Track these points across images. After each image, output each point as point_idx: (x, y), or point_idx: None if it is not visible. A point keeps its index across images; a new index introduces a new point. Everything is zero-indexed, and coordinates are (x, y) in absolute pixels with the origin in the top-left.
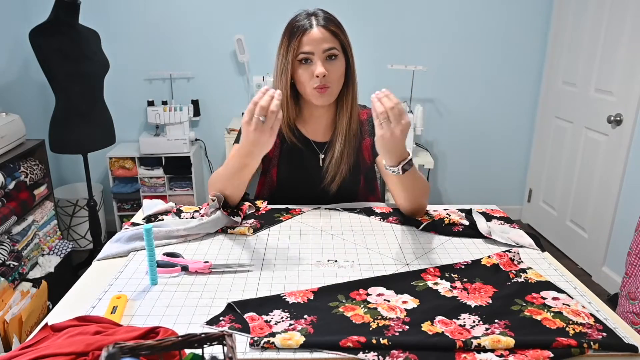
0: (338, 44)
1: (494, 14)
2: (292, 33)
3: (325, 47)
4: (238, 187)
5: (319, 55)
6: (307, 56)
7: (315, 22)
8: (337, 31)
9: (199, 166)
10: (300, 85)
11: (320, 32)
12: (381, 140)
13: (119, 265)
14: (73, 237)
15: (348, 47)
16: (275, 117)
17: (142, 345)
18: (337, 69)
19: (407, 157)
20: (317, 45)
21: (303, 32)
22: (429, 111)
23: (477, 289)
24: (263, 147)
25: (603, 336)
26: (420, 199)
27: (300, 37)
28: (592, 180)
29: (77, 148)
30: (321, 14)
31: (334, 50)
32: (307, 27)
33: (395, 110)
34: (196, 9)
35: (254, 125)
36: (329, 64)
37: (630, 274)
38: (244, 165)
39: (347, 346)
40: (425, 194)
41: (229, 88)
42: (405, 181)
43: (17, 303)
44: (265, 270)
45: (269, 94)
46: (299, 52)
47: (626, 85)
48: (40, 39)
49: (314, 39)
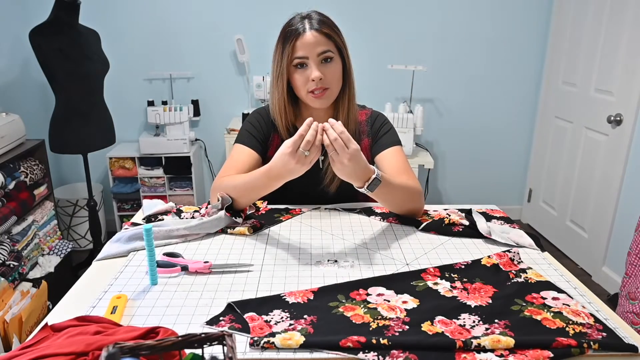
0: (333, 45)
1: (494, 14)
2: (286, 38)
3: (319, 51)
4: (253, 199)
5: (313, 59)
6: (302, 61)
7: (308, 26)
8: (330, 33)
9: (199, 166)
10: (297, 90)
11: (313, 35)
12: (335, 169)
13: (119, 265)
14: (73, 237)
15: (343, 49)
16: (318, 150)
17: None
18: (334, 71)
19: (371, 177)
20: (311, 49)
21: (296, 36)
22: (429, 111)
23: (477, 289)
24: (296, 174)
25: (603, 336)
26: (406, 205)
27: (293, 42)
28: (592, 180)
29: (77, 148)
30: (315, 16)
31: (328, 53)
32: (300, 32)
33: (338, 141)
34: (196, 9)
35: (297, 157)
36: (325, 66)
37: (630, 274)
38: (270, 186)
39: (347, 346)
40: (410, 199)
41: (229, 88)
42: (380, 195)
43: (17, 303)
44: (265, 270)
45: (313, 128)
46: (293, 57)
47: (626, 85)
48: (40, 39)
49: (308, 43)
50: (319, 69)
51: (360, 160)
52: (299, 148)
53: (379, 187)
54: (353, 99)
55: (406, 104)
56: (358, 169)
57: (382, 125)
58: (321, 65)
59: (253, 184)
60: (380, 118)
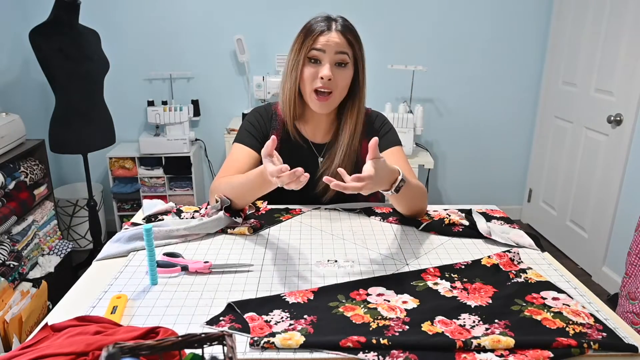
0: (351, 53)
1: (494, 14)
2: (309, 31)
3: (337, 50)
4: (250, 199)
5: (329, 57)
6: (318, 54)
7: (334, 26)
8: (353, 41)
9: (199, 166)
10: (303, 84)
11: (337, 36)
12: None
13: (119, 265)
14: (73, 237)
15: (360, 61)
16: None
17: (142, 345)
18: (344, 77)
19: (397, 178)
20: (331, 47)
21: (320, 32)
22: (429, 111)
23: (477, 289)
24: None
25: (603, 336)
26: (419, 205)
27: (316, 37)
28: (592, 180)
29: (77, 148)
30: (341, 21)
31: (344, 57)
32: (325, 29)
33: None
34: (196, 9)
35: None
36: (337, 70)
37: (630, 274)
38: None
39: (347, 346)
40: (423, 198)
41: (229, 88)
42: (402, 195)
43: (17, 303)
44: (265, 270)
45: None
46: (311, 48)
47: (626, 85)
48: (40, 39)
49: (329, 41)
50: (331, 69)
51: (379, 178)
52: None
53: (403, 187)
54: (361, 112)
55: (406, 104)
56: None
57: (382, 125)
58: (334, 67)
59: (250, 185)
60: (380, 118)
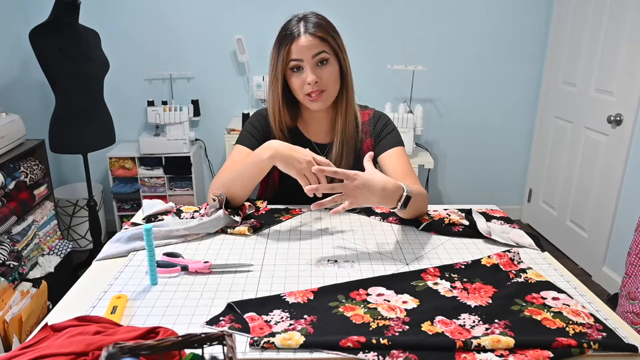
0: (328, 47)
1: (494, 14)
2: (281, 42)
3: (313, 54)
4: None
5: (308, 62)
6: (297, 64)
7: (303, 29)
8: (325, 36)
9: (199, 166)
10: (295, 93)
11: (307, 39)
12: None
13: (119, 265)
14: (73, 237)
15: (340, 50)
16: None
17: (142, 345)
18: (330, 73)
19: (402, 195)
20: (305, 52)
21: (291, 40)
22: (429, 111)
23: (477, 289)
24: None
25: (603, 336)
26: (420, 209)
27: (288, 46)
28: (592, 180)
29: (77, 148)
30: (311, 18)
31: (323, 55)
32: (295, 35)
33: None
34: (196, 9)
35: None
36: (320, 69)
37: (630, 274)
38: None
39: (347, 346)
40: (424, 202)
41: (229, 88)
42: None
43: (17, 303)
44: (265, 270)
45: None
46: (288, 60)
47: (626, 85)
48: (40, 39)
49: (302, 47)
50: (314, 72)
51: (374, 182)
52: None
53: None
54: (351, 100)
55: (406, 104)
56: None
57: (385, 125)
58: (316, 68)
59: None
60: (383, 118)
